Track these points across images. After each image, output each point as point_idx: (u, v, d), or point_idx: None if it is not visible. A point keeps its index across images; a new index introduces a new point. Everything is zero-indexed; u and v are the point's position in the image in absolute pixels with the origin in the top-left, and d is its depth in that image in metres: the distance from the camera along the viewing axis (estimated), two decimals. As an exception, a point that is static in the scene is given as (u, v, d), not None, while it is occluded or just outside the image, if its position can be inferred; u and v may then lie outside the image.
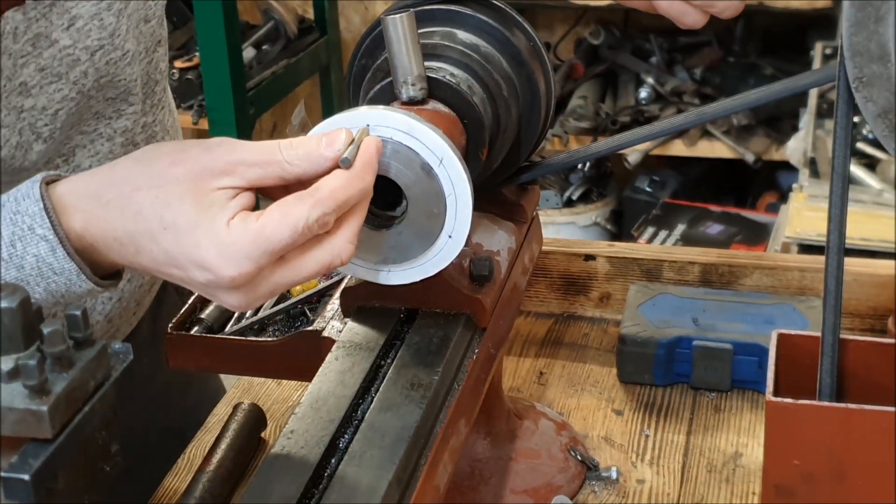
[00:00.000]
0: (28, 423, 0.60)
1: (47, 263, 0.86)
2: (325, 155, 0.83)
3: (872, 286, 1.34)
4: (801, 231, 2.50)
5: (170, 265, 0.84)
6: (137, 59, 1.11)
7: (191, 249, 0.82)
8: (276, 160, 0.83)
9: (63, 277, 0.87)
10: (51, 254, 0.85)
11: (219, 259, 0.81)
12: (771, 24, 3.56)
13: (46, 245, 0.85)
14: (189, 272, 0.83)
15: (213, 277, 0.82)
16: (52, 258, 0.86)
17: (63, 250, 0.85)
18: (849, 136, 0.92)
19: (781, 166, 3.35)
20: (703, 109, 1.08)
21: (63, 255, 0.85)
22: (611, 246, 1.44)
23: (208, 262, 0.81)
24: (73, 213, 0.85)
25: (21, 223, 0.86)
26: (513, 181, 1.10)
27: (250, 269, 0.81)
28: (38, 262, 0.86)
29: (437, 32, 1.00)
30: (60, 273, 0.86)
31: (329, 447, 0.82)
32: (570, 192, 3.49)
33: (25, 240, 0.86)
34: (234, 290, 0.83)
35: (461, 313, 0.95)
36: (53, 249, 0.85)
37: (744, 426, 1.20)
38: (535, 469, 1.11)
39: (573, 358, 1.34)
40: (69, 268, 0.86)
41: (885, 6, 0.86)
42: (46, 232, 0.85)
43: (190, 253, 0.82)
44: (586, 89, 3.55)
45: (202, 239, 0.81)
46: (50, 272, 0.86)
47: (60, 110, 1.04)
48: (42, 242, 0.85)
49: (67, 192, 0.86)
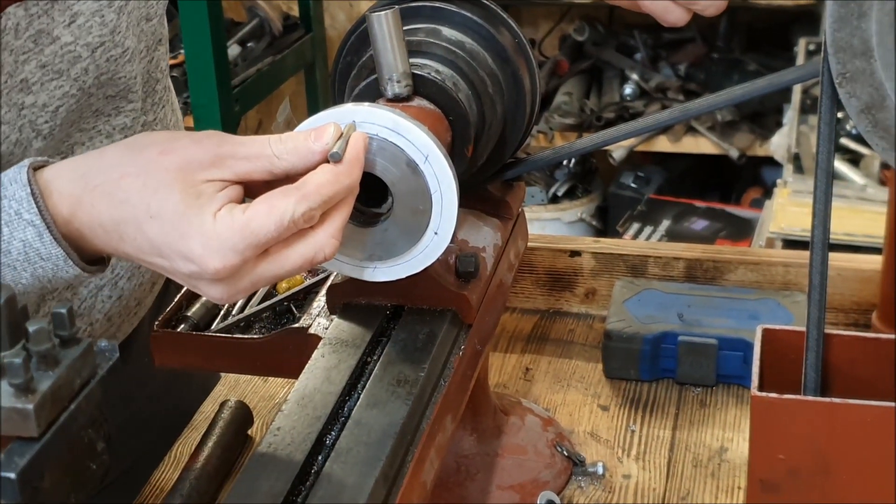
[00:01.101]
0: (14, 421, 0.60)
1: (34, 249, 0.86)
2: (314, 149, 0.83)
3: (856, 281, 1.34)
4: (785, 226, 2.51)
5: (154, 254, 0.84)
6: (138, 56, 1.11)
7: (176, 239, 0.82)
8: (264, 154, 0.84)
9: (50, 263, 0.87)
10: (38, 239, 0.85)
11: (203, 250, 0.81)
12: (755, 20, 3.56)
13: (33, 230, 0.85)
14: (173, 262, 0.83)
15: (198, 269, 0.82)
16: (39, 243, 0.86)
17: (50, 235, 0.85)
18: (833, 132, 0.92)
19: (765, 162, 3.36)
20: (687, 105, 1.08)
21: (50, 241, 0.85)
22: (596, 242, 1.44)
23: (193, 254, 0.81)
24: (60, 198, 0.85)
25: (8, 208, 0.86)
26: (498, 178, 1.10)
27: (235, 261, 0.81)
28: (24, 248, 0.86)
29: (421, 29, 1.00)
30: (47, 258, 0.86)
31: (316, 444, 0.82)
32: (555, 189, 3.49)
33: (12, 225, 0.86)
34: (218, 282, 0.83)
35: (447, 310, 0.95)
36: (41, 234, 0.85)
37: (729, 421, 1.21)
38: (521, 465, 1.11)
39: (559, 354, 1.34)
40: (56, 253, 0.86)
41: (867, 3, 0.86)
42: (34, 217, 0.85)
43: (175, 243, 0.82)
44: (571, 86, 3.55)
45: (188, 229, 0.81)
46: (37, 257, 0.86)
47: (61, 107, 1.04)
48: (29, 227, 0.85)
49: (55, 177, 0.86)
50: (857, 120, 0.89)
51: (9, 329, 0.62)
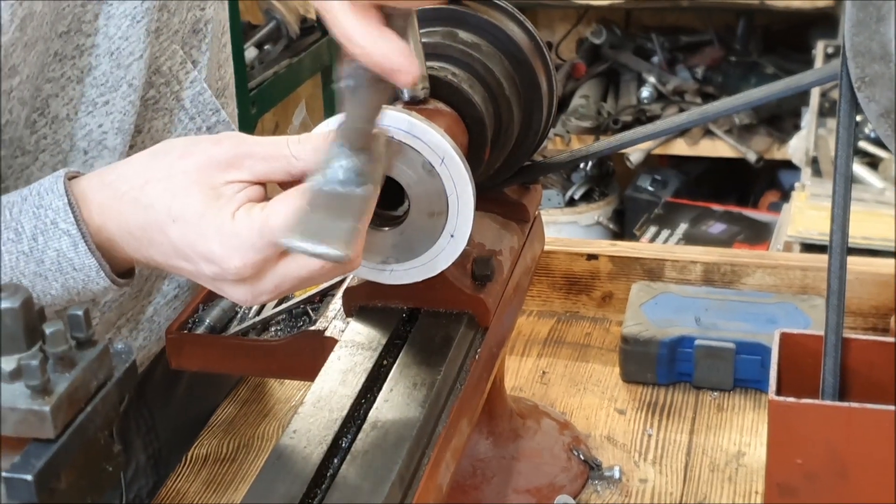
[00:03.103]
0: (30, 423, 0.60)
1: (67, 259, 0.87)
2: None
3: (874, 285, 1.34)
4: (803, 230, 2.51)
5: (178, 258, 0.84)
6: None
7: (196, 240, 0.82)
8: (283, 155, 0.84)
9: (82, 273, 0.87)
10: (72, 249, 0.86)
11: (223, 250, 0.81)
12: (772, 22, 3.56)
13: (69, 239, 0.86)
14: (197, 265, 0.83)
15: (219, 269, 0.82)
16: (73, 253, 0.87)
17: (85, 245, 0.86)
18: (851, 136, 0.91)
19: (783, 165, 3.35)
20: (704, 108, 1.08)
21: (84, 251, 0.86)
22: (613, 245, 1.44)
23: (213, 254, 0.82)
24: (92, 207, 0.86)
25: (44, 217, 0.87)
26: (515, 180, 1.10)
27: (255, 259, 0.81)
28: (58, 257, 0.87)
29: (438, 32, 1.00)
30: (80, 269, 0.87)
31: (331, 447, 0.82)
32: (572, 192, 3.49)
33: (48, 234, 0.87)
34: (240, 282, 0.83)
35: (463, 313, 0.95)
36: (75, 244, 0.86)
37: (746, 425, 1.20)
38: (537, 468, 1.10)
39: (575, 357, 1.34)
40: (89, 263, 0.87)
41: (886, 6, 0.85)
42: (70, 227, 0.86)
43: (196, 244, 0.82)
44: (588, 88, 3.55)
45: (207, 230, 0.82)
46: (70, 267, 0.87)
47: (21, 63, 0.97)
48: (64, 237, 0.86)
49: (87, 186, 0.87)
50: (876, 124, 0.89)
51: (25, 331, 0.62)
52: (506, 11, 1.03)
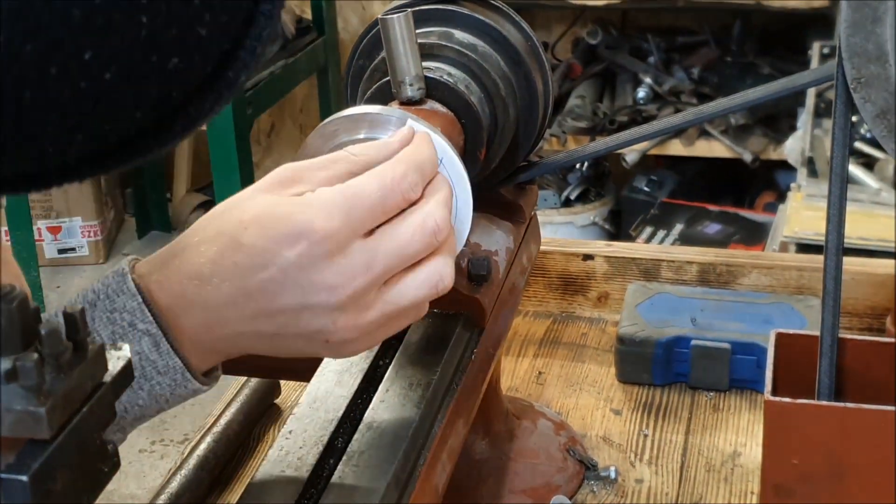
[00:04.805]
0: (26, 423, 0.60)
1: (150, 361, 0.78)
2: (390, 140, 0.82)
3: (870, 285, 1.34)
4: (799, 230, 2.51)
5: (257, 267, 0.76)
6: None
7: (275, 223, 0.75)
8: (341, 156, 0.81)
9: (168, 378, 0.79)
10: (154, 349, 0.78)
11: (304, 214, 0.75)
12: (768, 23, 3.56)
13: (149, 339, 0.78)
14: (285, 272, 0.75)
15: (306, 246, 0.75)
16: (156, 354, 0.78)
17: (167, 343, 0.78)
18: (847, 137, 0.92)
19: (779, 166, 3.36)
20: (700, 109, 1.08)
21: (167, 350, 0.78)
22: (609, 245, 1.44)
23: (295, 226, 0.75)
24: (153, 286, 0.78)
25: (121, 321, 0.78)
26: (511, 181, 1.10)
27: (342, 221, 0.75)
28: (140, 361, 0.78)
29: (434, 32, 1.00)
30: (165, 372, 0.79)
31: (327, 447, 0.82)
32: (568, 192, 3.49)
33: (127, 338, 0.78)
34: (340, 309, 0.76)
35: (459, 313, 0.95)
36: (157, 343, 0.78)
37: (742, 426, 1.20)
38: (533, 469, 1.11)
39: (571, 358, 1.34)
40: (173, 364, 0.78)
41: (882, 7, 0.86)
42: (149, 326, 0.78)
43: (275, 228, 0.75)
44: (584, 89, 3.55)
45: (283, 209, 0.76)
46: (154, 372, 0.79)
47: None
48: (145, 337, 0.78)
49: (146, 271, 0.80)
50: (872, 125, 0.89)
51: (22, 332, 0.62)
52: (502, 12, 1.03)
